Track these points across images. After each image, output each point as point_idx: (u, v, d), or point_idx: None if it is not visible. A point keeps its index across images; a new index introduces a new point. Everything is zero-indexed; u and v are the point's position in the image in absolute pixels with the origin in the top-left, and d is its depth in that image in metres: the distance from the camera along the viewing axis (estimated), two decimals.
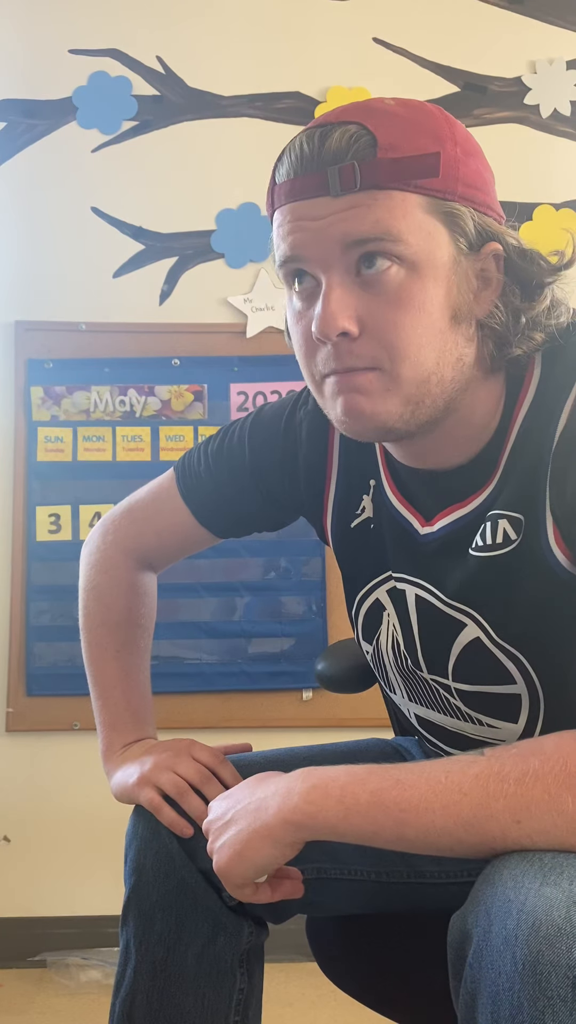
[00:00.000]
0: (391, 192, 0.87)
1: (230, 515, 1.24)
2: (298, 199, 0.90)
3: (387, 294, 0.88)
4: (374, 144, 0.87)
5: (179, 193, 2.60)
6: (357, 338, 0.89)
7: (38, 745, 2.50)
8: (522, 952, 0.70)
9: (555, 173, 2.63)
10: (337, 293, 0.88)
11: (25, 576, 2.50)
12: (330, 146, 0.88)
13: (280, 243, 0.92)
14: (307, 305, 0.92)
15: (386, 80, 2.61)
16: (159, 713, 2.65)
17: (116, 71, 2.59)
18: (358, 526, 1.10)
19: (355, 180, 0.86)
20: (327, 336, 0.88)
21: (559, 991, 0.69)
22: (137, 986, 1.07)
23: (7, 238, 2.58)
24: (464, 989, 0.77)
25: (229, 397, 2.56)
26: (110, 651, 1.36)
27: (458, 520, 1.00)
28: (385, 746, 1.27)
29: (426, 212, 0.88)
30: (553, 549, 0.93)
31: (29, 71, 2.59)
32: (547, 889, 0.72)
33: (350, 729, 1.46)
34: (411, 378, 0.90)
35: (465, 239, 0.90)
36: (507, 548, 0.95)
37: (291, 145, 0.92)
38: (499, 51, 2.63)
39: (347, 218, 0.87)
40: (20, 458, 2.53)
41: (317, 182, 0.88)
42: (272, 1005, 1.15)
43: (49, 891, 2.49)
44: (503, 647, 0.99)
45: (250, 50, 2.61)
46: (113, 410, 2.54)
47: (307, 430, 1.13)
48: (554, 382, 0.94)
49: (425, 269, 0.88)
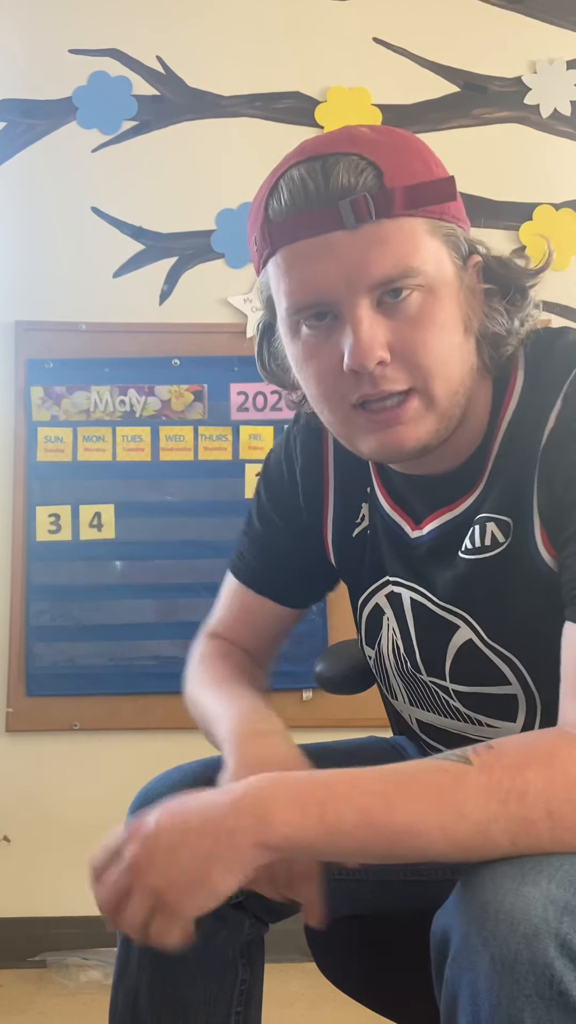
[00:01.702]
0: (401, 220, 0.89)
1: (291, 578, 1.21)
2: (308, 235, 0.89)
3: (411, 319, 0.90)
4: (380, 174, 0.89)
5: (179, 193, 2.60)
6: (390, 364, 0.90)
7: (38, 745, 2.50)
8: (500, 951, 0.71)
9: (555, 173, 2.62)
10: (367, 324, 0.89)
11: (25, 576, 2.50)
12: (337, 177, 0.88)
13: (292, 286, 0.92)
14: (323, 339, 0.92)
15: (386, 80, 2.61)
16: (159, 713, 2.65)
17: (116, 71, 2.59)
18: (359, 534, 1.12)
19: (370, 212, 0.88)
20: (365, 367, 0.89)
21: (536, 989, 0.70)
22: (141, 978, 1.07)
23: (7, 238, 2.57)
24: (446, 989, 0.77)
25: (229, 397, 2.55)
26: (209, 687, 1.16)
27: (447, 523, 1.02)
28: (384, 744, 1.27)
29: (431, 235, 0.91)
30: (541, 551, 0.94)
31: (29, 71, 2.59)
32: (526, 888, 0.73)
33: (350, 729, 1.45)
34: (444, 394, 0.93)
35: (459, 255, 0.94)
36: (495, 551, 0.97)
37: (287, 180, 0.90)
38: (499, 51, 2.63)
39: (368, 258, 0.88)
40: (20, 458, 2.53)
41: (328, 216, 0.88)
42: (272, 1005, 1.15)
43: (49, 891, 2.49)
44: (495, 649, 1.00)
45: (250, 50, 2.61)
46: (113, 410, 2.54)
47: (300, 448, 1.15)
48: (540, 386, 0.96)
49: (440, 290, 0.91)
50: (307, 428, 1.14)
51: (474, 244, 0.96)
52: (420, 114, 2.61)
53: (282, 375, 1.04)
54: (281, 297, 0.93)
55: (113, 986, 1.10)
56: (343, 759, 1.16)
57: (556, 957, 0.70)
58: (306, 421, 1.12)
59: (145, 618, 2.52)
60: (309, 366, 0.95)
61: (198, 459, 2.55)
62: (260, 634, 1.23)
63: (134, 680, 2.50)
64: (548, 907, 0.72)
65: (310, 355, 0.94)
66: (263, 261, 0.95)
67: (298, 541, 1.18)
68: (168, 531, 2.53)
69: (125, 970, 1.08)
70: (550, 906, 0.72)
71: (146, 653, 2.51)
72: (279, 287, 0.93)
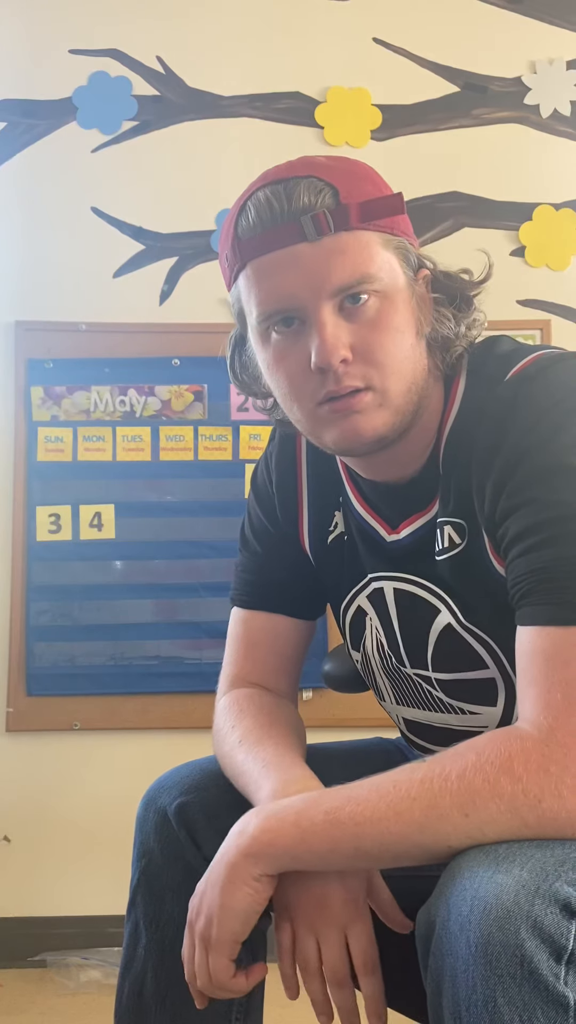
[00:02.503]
0: (357, 233, 0.99)
1: (298, 587, 1.22)
2: (274, 249, 0.99)
3: (369, 322, 0.99)
4: (336, 193, 0.99)
5: (179, 193, 2.60)
6: (351, 363, 0.98)
7: (38, 745, 2.50)
8: (475, 935, 0.76)
9: (555, 173, 2.62)
10: (330, 327, 0.98)
11: (25, 576, 2.50)
12: (298, 196, 0.98)
13: (261, 295, 1.00)
14: (291, 343, 1.00)
15: (386, 80, 2.61)
16: (159, 713, 2.65)
17: (116, 71, 2.59)
18: (333, 541, 1.17)
19: (329, 225, 0.98)
20: (330, 364, 0.97)
21: (508, 969, 0.75)
22: (147, 965, 1.09)
23: (7, 238, 2.58)
24: (430, 976, 0.81)
25: (229, 397, 2.56)
26: (242, 746, 1.12)
27: (420, 528, 1.08)
28: (388, 745, 1.29)
29: (384, 247, 1.01)
30: (491, 559, 1.00)
31: (29, 71, 2.59)
32: (499, 876, 0.78)
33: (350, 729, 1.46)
34: (398, 390, 1.01)
35: (410, 267, 1.03)
36: (455, 551, 1.04)
37: (254, 201, 1.00)
38: (499, 51, 2.63)
39: (330, 266, 0.98)
40: (20, 458, 2.53)
41: (292, 231, 0.98)
42: (272, 1005, 1.15)
43: (49, 891, 2.49)
44: (472, 631, 1.05)
45: (250, 50, 2.61)
46: (113, 410, 2.54)
47: (276, 462, 1.22)
48: (477, 389, 1.04)
49: (394, 296, 1.01)
50: (281, 444, 1.22)
51: (422, 259, 1.05)
52: (420, 114, 2.61)
53: (252, 384, 1.12)
54: (252, 307, 1.02)
55: (119, 978, 1.12)
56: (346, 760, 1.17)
57: (527, 938, 0.75)
58: (280, 437, 1.21)
59: (145, 618, 2.52)
60: (279, 368, 1.02)
61: (198, 459, 2.55)
62: (281, 658, 1.22)
63: (134, 680, 2.50)
64: (520, 891, 0.76)
65: (280, 358, 1.02)
66: (234, 276, 1.03)
67: (295, 549, 1.21)
68: (168, 531, 2.53)
69: (132, 960, 1.10)
70: (521, 890, 0.76)
71: (146, 653, 2.51)
72: (249, 298, 1.02)
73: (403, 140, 2.59)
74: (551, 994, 0.75)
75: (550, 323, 2.57)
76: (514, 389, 0.99)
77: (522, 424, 0.96)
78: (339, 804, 0.89)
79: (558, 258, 2.61)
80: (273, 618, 1.21)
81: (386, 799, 0.87)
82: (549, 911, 0.76)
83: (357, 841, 0.88)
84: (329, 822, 0.89)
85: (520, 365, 1.01)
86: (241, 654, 1.22)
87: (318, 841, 0.89)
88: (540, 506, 0.93)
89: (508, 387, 0.99)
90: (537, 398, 0.97)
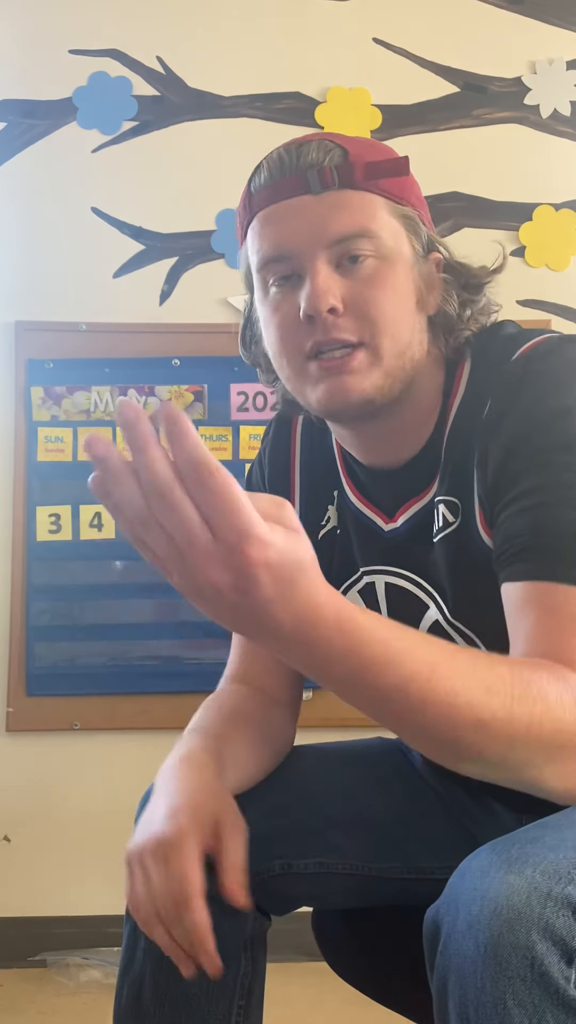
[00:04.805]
0: (363, 193, 1.00)
1: None
2: (280, 200, 1.01)
3: (365, 279, 0.99)
4: (345, 153, 1.01)
5: (179, 193, 2.60)
6: (342, 315, 0.98)
7: (38, 745, 2.50)
8: (484, 935, 0.75)
9: (555, 173, 2.62)
10: (323, 275, 0.98)
11: (25, 576, 2.50)
12: (308, 153, 1.01)
13: (262, 243, 1.03)
14: (287, 293, 1.01)
15: (386, 80, 2.61)
16: (159, 713, 2.64)
17: (116, 71, 2.59)
18: (325, 536, 1.16)
19: (333, 179, 0.99)
20: (317, 310, 0.97)
21: (519, 971, 0.74)
22: (145, 970, 1.08)
23: (7, 238, 2.58)
24: (436, 975, 0.81)
25: (229, 397, 2.56)
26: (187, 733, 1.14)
27: (417, 513, 1.07)
28: (389, 745, 1.28)
29: (390, 215, 1.01)
30: (480, 532, 0.99)
31: (29, 71, 2.59)
32: (510, 877, 0.77)
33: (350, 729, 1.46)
34: (391, 351, 1.00)
35: (419, 243, 1.04)
36: (448, 530, 1.03)
37: (266, 159, 1.04)
38: (499, 51, 2.63)
39: (329, 217, 0.99)
40: (20, 458, 2.53)
41: (298, 183, 1.00)
42: (272, 1005, 1.15)
43: (49, 891, 2.49)
44: (458, 628, 1.05)
45: (250, 50, 2.61)
46: (113, 410, 2.54)
47: (269, 455, 1.22)
48: (483, 371, 1.03)
49: (395, 260, 1.01)
50: (275, 440, 1.22)
51: (435, 242, 1.06)
52: (420, 114, 2.61)
53: (259, 355, 1.14)
54: (254, 257, 1.04)
55: (118, 979, 1.11)
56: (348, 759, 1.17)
57: (538, 940, 0.74)
58: (274, 433, 1.21)
59: (145, 618, 2.52)
60: (273, 320, 1.03)
61: None
62: (275, 658, 1.15)
63: (134, 680, 2.50)
64: (531, 894, 0.75)
65: (274, 309, 1.03)
66: (244, 232, 1.07)
67: None
68: None
69: (131, 963, 1.09)
70: (533, 892, 0.76)
71: (146, 653, 2.51)
72: (254, 248, 1.04)
73: (403, 140, 2.58)
74: (562, 998, 0.74)
75: (550, 323, 2.57)
76: (523, 367, 0.98)
77: (530, 399, 0.95)
78: None
79: (558, 258, 2.61)
80: None
81: (479, 672, 0.80)
82: (561, 914, 0.75)
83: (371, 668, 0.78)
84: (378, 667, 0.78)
85: (528, 345, 1.00)
86: (237, 653, 1.22)
87: None
88: (539, 472, 0.92)
89: (517, 365, 0.99)
90: (552, 371, 0.96)
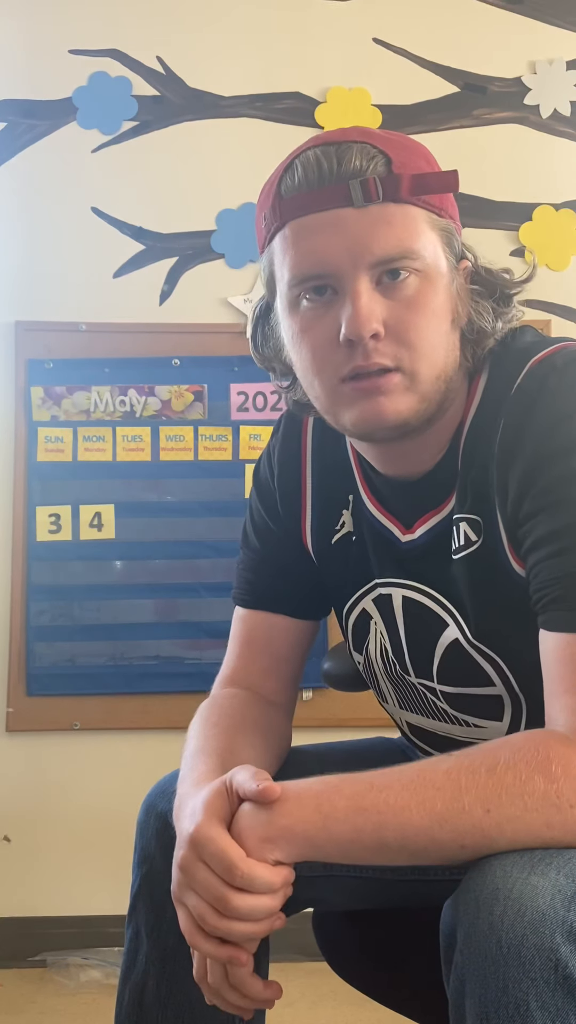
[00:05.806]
0: (406, 207, 0.95)
1: (300, 587, 1.18)
2: (318, 210, 0.94)
3: (406, 300, 0.95)
4: (389, 163, 0.95)
5: (179, 193, 2.60)
6: (382, 339, 0.94)
7: (38, 745, 2.50)
8: (507, 936, 0.74)
9: (555, 173, 2.62)
10: (365, 297, 0.93)
11: (25, 576, 2.50)
12: (349, 159, 0.94)
13: (298, 258, 0.96)
14: (322, 312, 0.96)
15: (386, 80, 2.61)
16: (159, 713, 2.65)
17: (116, 71, 2.59)
18: (339, 541, 1.14)
19: (378, 192, 0.93)
20: (360, 336, 0.93)
21: (542, 973, 0.73)
22: (147, 974, 1.07)
23: (7, 238, 2.58)
24: (454, 974, 0.80)
25: (229, 397, 2.56)
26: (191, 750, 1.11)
27: (436, 526, 1.04)
28: (391, 745, 1.28)
29: (430, 227, 0.97)
30: (508, 556, 0.97)
31: (29, 71, 2.59)
32: (534, 878, 0.76)
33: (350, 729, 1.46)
34: (427, 376, 0.96)
35: (453, 254, 0.99)
36: (470, 549, 1.00)
37: (303, 160, 0.96)
38: (499, 51, 2.63)
39: (372, 235, 0.94)
40: (20, 458, 2.53)
41: (339, 194, 0.94)
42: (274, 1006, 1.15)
43: (49, 891, 2.49)
44: (479, 648, 1.02)
45: (250, 50, 2.61)
46: (113, 410, 2.54)
47: (279, 453, 1.18)
48: (498, 383, 1.00)
49: (434, 278, 0.96)
50: (285, 436, 1.17)
51: (465, 249, 1.01)
52: (420, 114, 2.61)
53: (273, 358, 1.07)
54: (284, 270, 0.97)
55: (120, 983, 1.11)
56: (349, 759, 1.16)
57: (562, 943, 0.73)
58: (284, 430, 1.17)
59: (145, 618, 2.52)
60: (305, 338, 0.98)
61: (198, 459, 2.55)
62: (274, 659, 1.18)
63: (134, 680, 2.50)
64: (556, 896, 0.75)
65: (307, 327, 0.97)
66: (270, 236, 0.99)
67: (297, 546, 1.18)
68: (168, 531, 2.53)
69: (132, 967, 1.09)
70: (557, 895, 0.75)
71: (146, 653, 2.51)
72: (284, 260, 0.97)
73: None
74: None
75: (550, 323, 2.57)
76: (538, 381, 0.95)
77: (546, 423, 0.93)
78: (361, 790, 0.85)
79: (558, 258, 2.60)
80: (271, 618, 1.18)
81: (409, 788, 0.83)
82: None
83: (380, 832, 0.83)
84: (352, 808, 0.84)
85: (542, 354, 0.98)
86: (235, 654, 1.19)
87: (341, 827, 0.84)
88: (566, 510, 0.90)
89: (531, 378, 0.96)
90: (563, 394, 0.94)
